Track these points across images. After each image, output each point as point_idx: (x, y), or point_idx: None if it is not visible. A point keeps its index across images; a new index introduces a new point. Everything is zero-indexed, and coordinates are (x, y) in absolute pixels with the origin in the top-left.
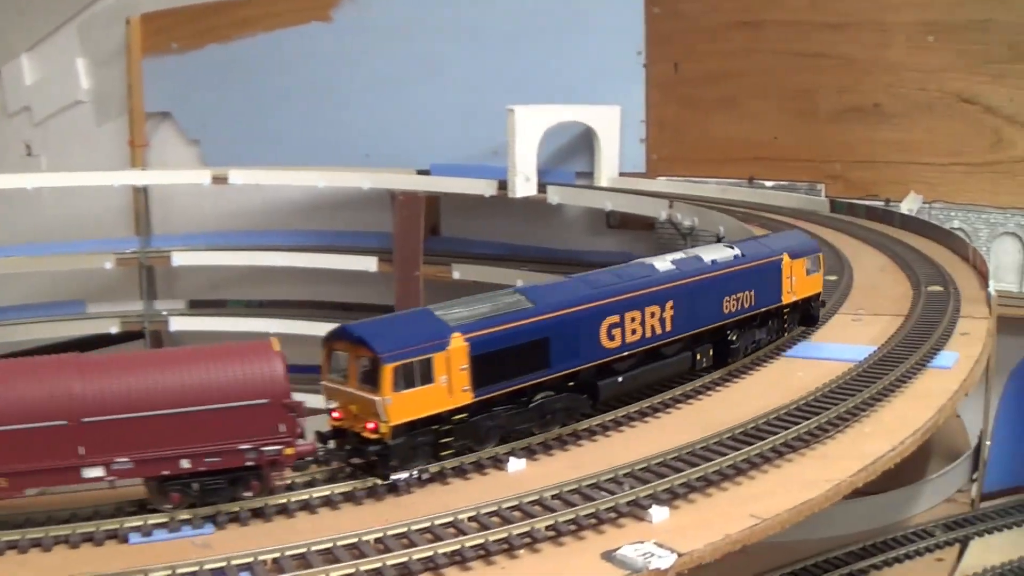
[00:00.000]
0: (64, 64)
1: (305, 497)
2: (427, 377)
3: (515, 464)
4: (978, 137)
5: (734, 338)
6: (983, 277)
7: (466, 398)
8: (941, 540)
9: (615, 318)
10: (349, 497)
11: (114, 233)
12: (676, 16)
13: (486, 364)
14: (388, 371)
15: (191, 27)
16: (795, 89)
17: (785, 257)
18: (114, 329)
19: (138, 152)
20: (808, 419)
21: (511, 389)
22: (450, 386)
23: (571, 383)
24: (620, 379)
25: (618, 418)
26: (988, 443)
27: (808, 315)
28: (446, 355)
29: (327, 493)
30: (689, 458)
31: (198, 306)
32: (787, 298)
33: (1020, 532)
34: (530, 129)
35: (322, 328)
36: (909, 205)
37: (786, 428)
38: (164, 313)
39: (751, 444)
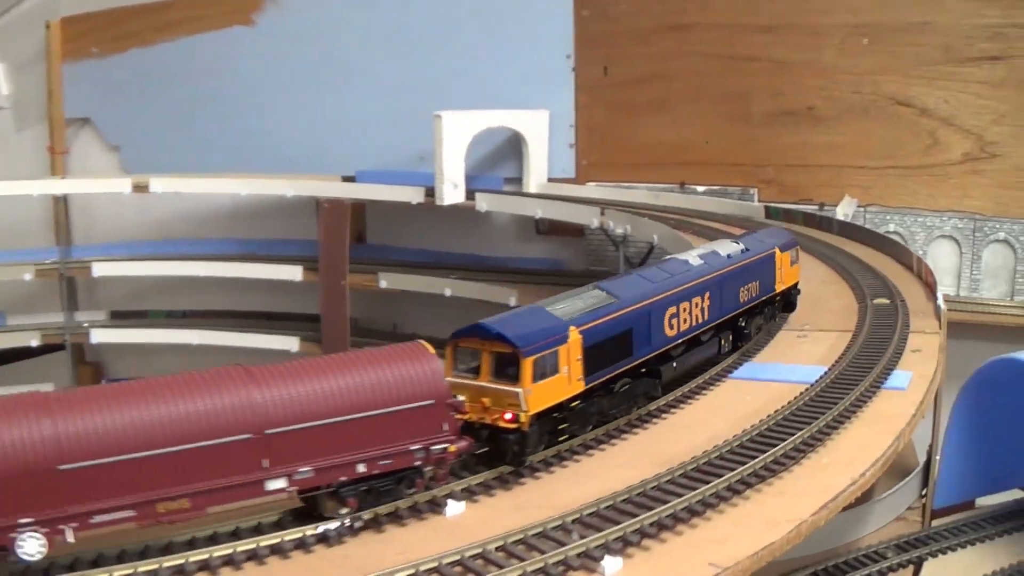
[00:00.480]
0: None
1: (228, 552)
2: (555, 368)
3: (454, 508)
4: (913, 140)
5: (744, 324)
6: (930, 288)
7: (580, 386)
8: (894, 562)
9: (673, 309)
10: (276, 550)
11: (34, 242)
12: (605, 19)
13: (593, 354)
14: (528, 364)
15: (112, 31)
16: (727, 92)
17: (777, 250)
18: (34, 342)
19: (58, 159)
20: (763, 451)
21: (608, 376)
22: (569, 376)
23: (643, 370)
24: (674, 364)
25: (561, 452)
26: (937, 458)
27: (789, 302)
28: (567, 347)
29: (253, 547)
30: (641, 500)
31: (119, 317)
32: (779, 287)
33: (975, 552)
34: (457, 135)
35: (245, 339)
36: (844, 210)
37: (741, 463)
38: (85, 324)
39: (706, 482)
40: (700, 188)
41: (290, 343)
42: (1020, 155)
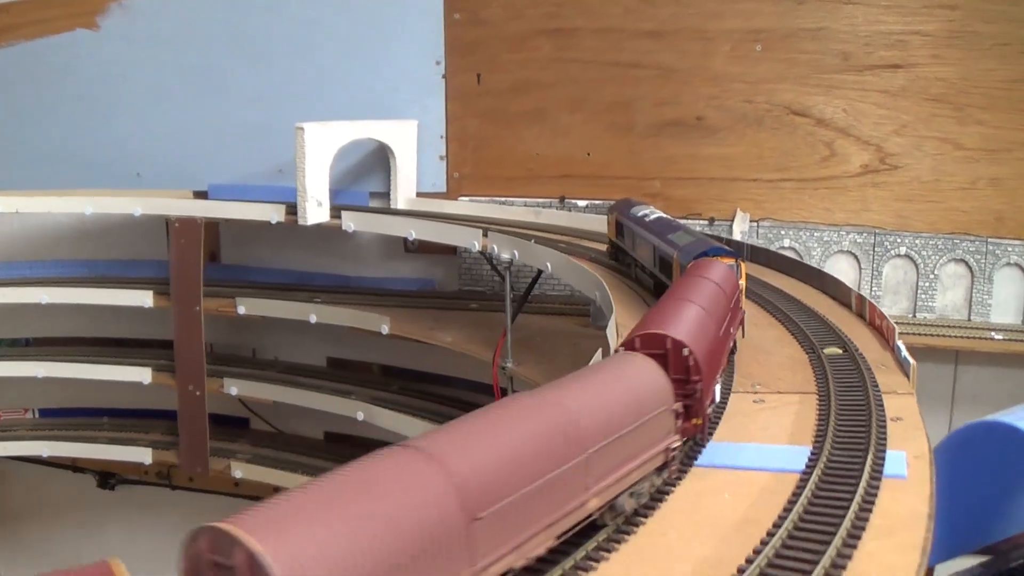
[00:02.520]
0: None
1: None
2: None
3: None
4: (810, 151)
5: None
6: (883, 335)
7: None
8: None
9: None
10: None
11: None
12: (478, 23)
13: None
14: None
15: None
16: (609, 102)
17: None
18: None
19: None
20: None
21: None
22: None
23: None
24: None
25: None
26: None
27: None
28: None
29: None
30: None
31: None
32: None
33: None
34: (321, 149)
35: (93, 370)
36: (739, 226)
37: None
38: None
39: None
40: (582, 203)
41: (142, 374)
42: (922, 167)
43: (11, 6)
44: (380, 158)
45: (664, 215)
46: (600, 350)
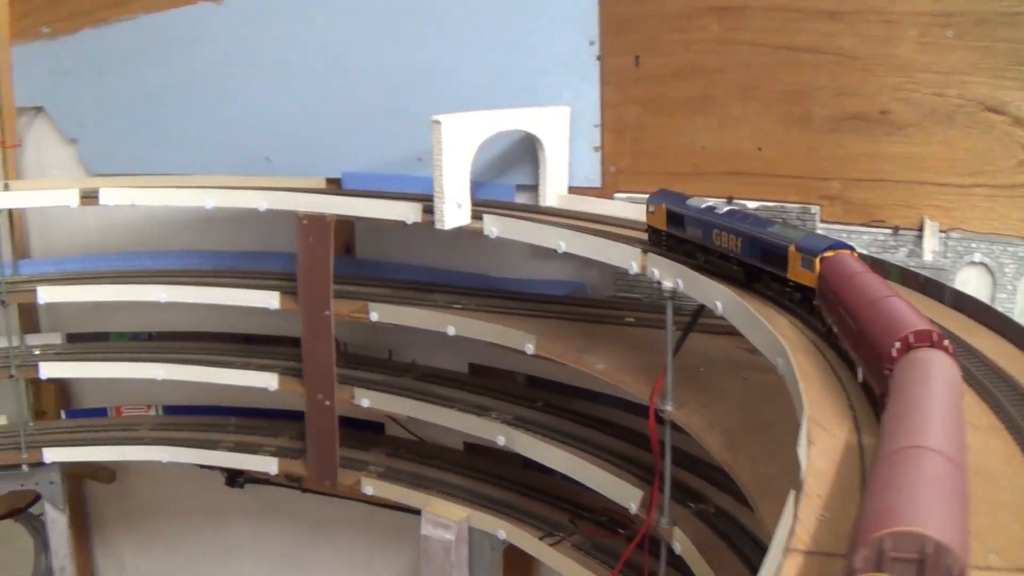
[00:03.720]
0: None
1: None
2: None
3: None
4: (1006, 153)
5: None
6: None
7: None
8: None
9: None
10: None
11: None
12: None
13: None
14: None
15: (62, 8)
16: (784, 90)
17: None
18: None
19: (9, 154)
20: None
21: None
22: None
23: None
24: None
25: None
26: None
27: None
28: None
29: None
30: None
31: (77, 340)
32: None
33: None
34: (461, 144)
35: (215, 374)
36: (931, 243)
37: None
38: (36, 353)
39: None
40: (751, 204)
41: (268, 380)
42: None
43: None
44: (528, 146)
45: (729, 205)
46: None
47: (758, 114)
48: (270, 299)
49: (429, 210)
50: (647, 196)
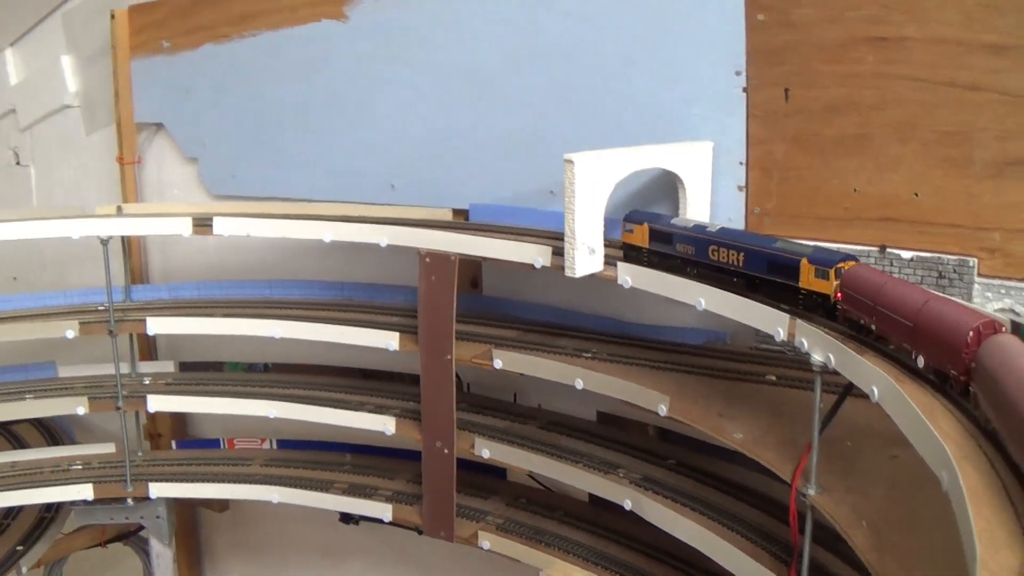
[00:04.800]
0: (49, 62)
1: None
2: None
3: None
4: None
5: None
6: None
7: None
8: None
9: None
10: None
11: (95, 275)
12: (787, 26)
13: None
14: None
15: (184, 23)
16: (943, 131)
17: None
18: (81, 410)
19: (128, 171)
20: None
21: None
22: None
23: None
24: None
25: None
26: None
27: None
28: None
29: None
30: None
31: (189, 369)
32: None
33: None
34: (596, 185)
35: (329, 415)
36: None
37: None
38: (146, 383)
39: None
40: (905, 254)
41: (385, 423)
42: None
43: None
44: (666, 183)
45: (716, 224)
46: None
47: (915, 156)
48: (389, 340)
49: (560, 252)
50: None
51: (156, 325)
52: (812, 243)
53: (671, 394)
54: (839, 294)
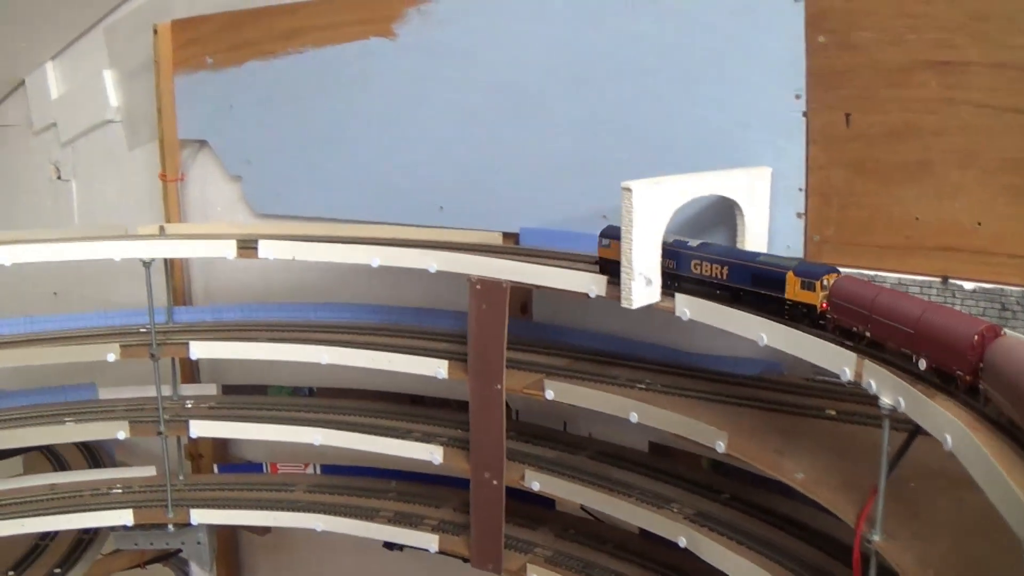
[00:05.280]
0: (91, 76)
1: None
2: None
3: None
4: None
5: None
6: None
7: None
8: None
9: None
10: None
11: (136, 295)
12: (849, 48)
13: None
14: None
15: (228, 38)
16: (1007, 158)
17: None
18: (121, 434)
19: (171, 188)
20: None
21: None
22: None
23: None
24: None
25: None
26: None
27: None
28: None
29: None
30: None
31: (232, 393)
32: None
33: None
34: (654, 213)
35: (375, 443)
36: None
37: None
38: (188, 406)
39: None
40: (967, 285)
41: (432, 452)
42: None
43: (299, 7)
44: (722, 209)
45: (696, 240)
46: None
47: (978, 184)
48: (438, 367)
49: (615, 282)
50: (853, 271)
51: (199, 349)
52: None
53: (728, 429)
54: (824, 304)
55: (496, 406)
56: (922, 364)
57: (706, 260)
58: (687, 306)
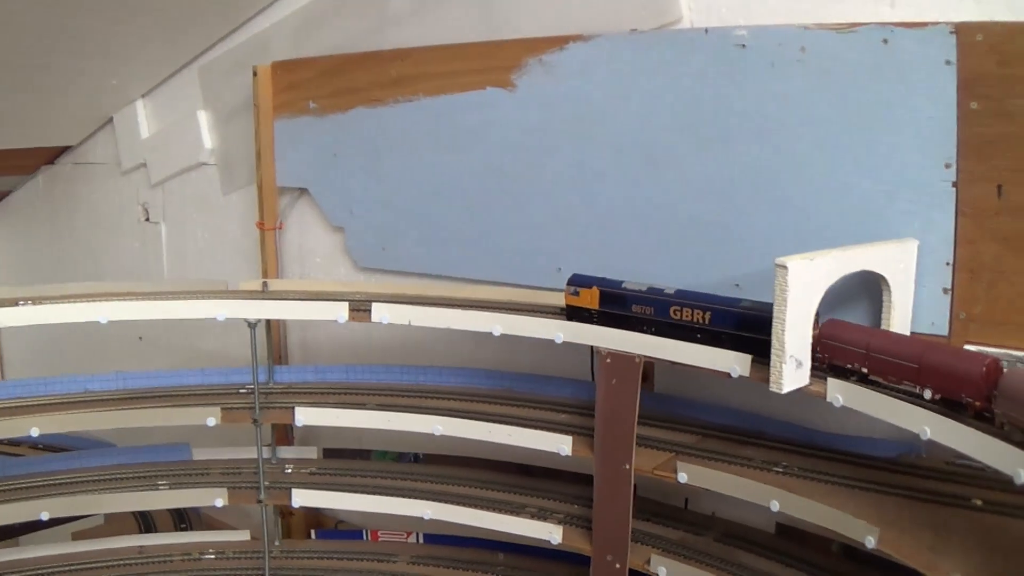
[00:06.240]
0: (184, 117)
1: None
2: None
3: None
4: None
5: None
6: None
7: None
8: None
9: None
10: None
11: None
12: (1003, 115)
13: None
14: None
15: (333, 83)
16: None
17: None
18: (220, 502)
19: (269, 237)
20: None
21: None
22: None
23: None
24: None
25: None
26: None
27: None
28: None
29: None
30: None
31: (333, 456)
32: None
33: None
34: (807, 291)
35: (488, 519)
36: None
37: None
38: (288, 471)
39: None
40: None
41: (550, 532)
42: None
43: (410, 53)
44: (863, 284)
45: (672, 287)
46: None
47: None
48: (561, 444)
49: (760, 361)
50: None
51: (306, 415)
52: None
53: (877, 521)
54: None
55: (624, 486)
56: (927, 394)
57: (687, 306)
58: (839, 392)
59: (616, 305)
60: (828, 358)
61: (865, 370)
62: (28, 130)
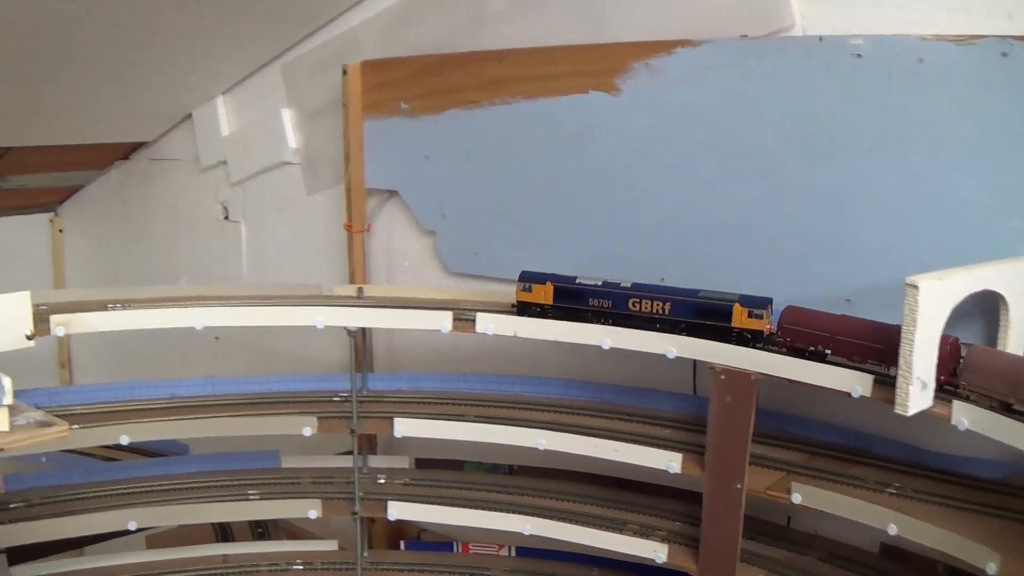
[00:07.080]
0: (266, 115)
1: None
2: None
3: None
4: None
5: None
6: None
7: None
8: None
9: None
10: None
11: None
12: None
13: None
14: None
15: (426, 84)
16: None
17: None
18: (313, 513)
19: (356, 239)
20: None
21: None
22: None
23: None
24: None
25: None
26: None
27: None
28: None
29: None
30: None
31: (425, 467)
32: None
33: None
34: (936, 311)
35: (590, 536)
36: None
37: None
38: (381, 481)
39: None
40: None
41: (654, 550)
42: None
43: (508, 54)
44: (981, 301)
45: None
46: None
47: None
48: (671, 461)
49: (883, 382)
50: None
51: (405, 427)
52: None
53: (997, 547)
54: (769, 328)
55: (734, 506)
56: (893, 371)
57: (646, 298)
58: (965, 415)
59: (571, 299)
60: (789, 341)
61: (829, 351)
62: (105, 126)
